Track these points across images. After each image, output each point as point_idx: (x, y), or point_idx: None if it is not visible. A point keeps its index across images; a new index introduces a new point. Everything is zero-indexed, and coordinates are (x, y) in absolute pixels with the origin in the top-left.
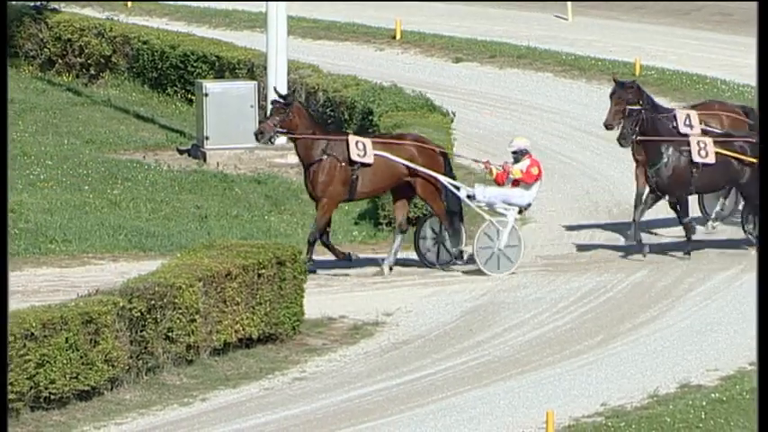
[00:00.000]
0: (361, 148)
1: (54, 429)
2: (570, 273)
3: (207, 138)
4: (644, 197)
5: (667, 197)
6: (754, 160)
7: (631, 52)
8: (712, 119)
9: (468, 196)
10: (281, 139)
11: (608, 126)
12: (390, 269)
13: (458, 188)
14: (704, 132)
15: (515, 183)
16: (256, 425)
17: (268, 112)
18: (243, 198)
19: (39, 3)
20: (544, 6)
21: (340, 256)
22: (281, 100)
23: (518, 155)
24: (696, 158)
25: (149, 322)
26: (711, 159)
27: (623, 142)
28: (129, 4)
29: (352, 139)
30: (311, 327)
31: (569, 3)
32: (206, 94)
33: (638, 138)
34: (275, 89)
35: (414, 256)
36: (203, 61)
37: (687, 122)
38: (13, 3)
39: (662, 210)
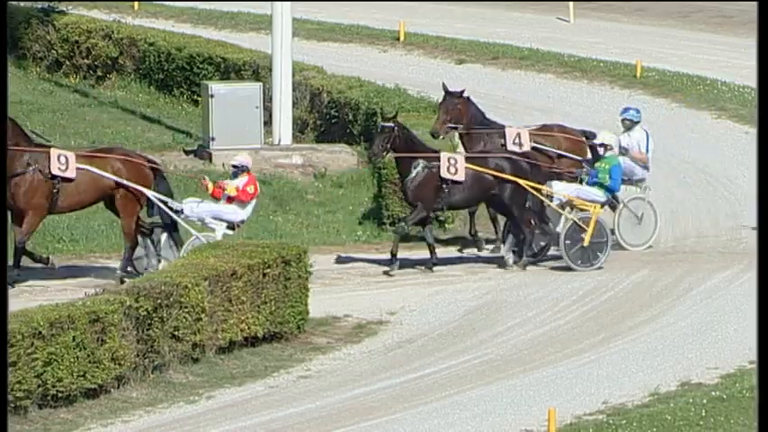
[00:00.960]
0: (63, 162)
1: (61, 427)
2: (572, 272)
3: (213, 138)
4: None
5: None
6: (512, 177)
7: (632, 54)
8: (548, 140)
9: (177, 211)
10: (286, 140)
11: (434, 135)
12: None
13: (166, 203)
14: (536, 151)
15: (230, 199)
16: (261, 422)
17: None
18: None
19: (46, 5)
20: (546, 8)
21: (45, 262)
22: None
23: (238, 171)
24: (445, 174)
25: (156, 321)
26: (461, 176)
27: (374, 159)
28: (136, 6)
29: (54, 152)
30: (316, 325)
31: (571, 3)
32: (212, 96)
33: (394, 154)
34: None
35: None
36: (209, 63)
37: (516, 141)
38: (21, 5)
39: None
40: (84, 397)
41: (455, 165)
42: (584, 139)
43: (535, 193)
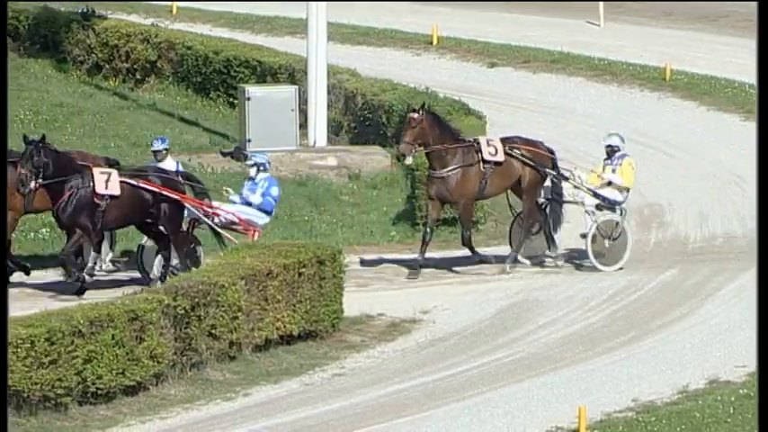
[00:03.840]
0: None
1: (101, 423)
2: (601, 272)
3: (249, 140)
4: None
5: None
6: None
7: (661, 57)
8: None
9: None
10: (321, 142)
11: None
12: None
13: None
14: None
15: None
16: (297, 419)
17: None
18: (284, 199)
19: (86, 8)
20: (576, 12)
21: None
22: None
23: None
24: None
25: (193, 319)
26: None
27: None
28: (174, 10)
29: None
30: (350, 324)
31: (601, 4)
32: (248, 99)
33: None
34: None
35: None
36: (245, 66)
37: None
38: (62, 9)
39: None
40: (123, 394)
41: None
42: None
43: None
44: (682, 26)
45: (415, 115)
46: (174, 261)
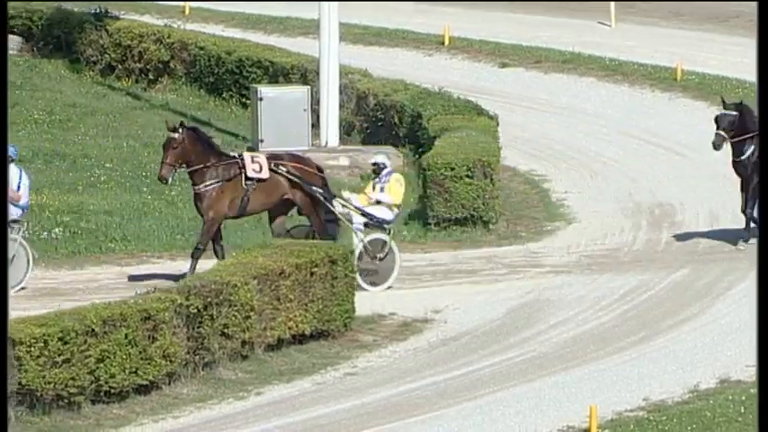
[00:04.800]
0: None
1: (114, 422)
2: (612, 272)
3: (261, 141)
4: None
5: None
6: None
7: (672, 57)
8: None
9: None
10: (333, 142)
11: None
12: None
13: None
14: None
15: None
16: (309, 418)
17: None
18: None
19: (98, 10)
20: (587, 13)
21: None
22: None
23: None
24: None
25: (206, 319)
26: None
27: None
28: (187, 11)
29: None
30: (362, 323)
31: (612, 4)
32: (260, 99)
33: None
34: None
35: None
36: (258, 66)
37: None
38: (76, 10)
39: None
40: (136, 393)
41: None
42: None
43: None
44: (692, 27)
45: (176, 135)
46: None
